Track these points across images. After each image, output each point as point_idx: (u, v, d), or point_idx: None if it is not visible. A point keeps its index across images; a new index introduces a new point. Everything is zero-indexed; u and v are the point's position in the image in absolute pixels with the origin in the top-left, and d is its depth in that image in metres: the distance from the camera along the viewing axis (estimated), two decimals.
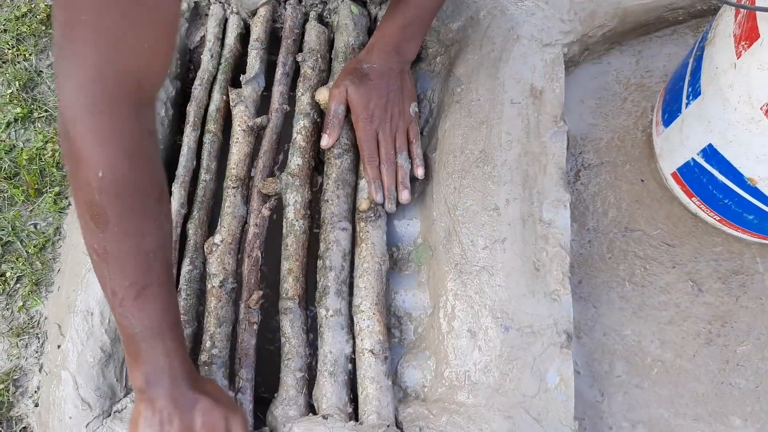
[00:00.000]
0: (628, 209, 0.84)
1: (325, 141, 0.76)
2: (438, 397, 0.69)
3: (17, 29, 0.85)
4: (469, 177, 0.75)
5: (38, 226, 0.78)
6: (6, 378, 0.71)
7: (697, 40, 0.74)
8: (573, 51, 0.86)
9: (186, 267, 0.74)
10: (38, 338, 0.73)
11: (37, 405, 0.70)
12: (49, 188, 0.79)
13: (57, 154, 0.79)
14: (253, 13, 0.86)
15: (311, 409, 0.70)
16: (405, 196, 0.76)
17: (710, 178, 0.73)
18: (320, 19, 0.86)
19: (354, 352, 0.71)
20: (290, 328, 0.71)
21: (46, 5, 0.86)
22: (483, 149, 0.76)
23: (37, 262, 0.76)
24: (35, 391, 0.71)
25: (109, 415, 0.67)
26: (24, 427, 0.70)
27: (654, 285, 0.81)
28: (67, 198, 0.79)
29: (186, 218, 0.77)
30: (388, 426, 0.65)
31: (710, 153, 0.71)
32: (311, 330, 0.75)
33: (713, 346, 0.78)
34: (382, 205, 0.76)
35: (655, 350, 0.78)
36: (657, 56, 0.91)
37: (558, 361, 0.68)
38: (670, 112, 0.79)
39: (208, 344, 0.70)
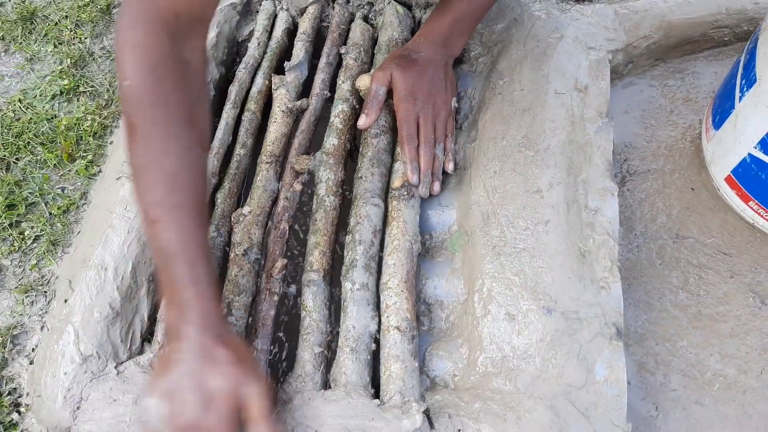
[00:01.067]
0: (679, 216, 0.79)
1: (363, 120, 0.75)
2: (470, 386, 0.62)
3: (78, 16, 0.89)
4: (510, 161, 0.72)
5: (65, 190, 0.77)
6: (5, 333, 0.66)
7: (750, 39, 0.73)
8: (617, 60, 0.85)
9: (210, 233, 0.70)
10: (45, 296, 0.69)
11: (32, 363, 0.65)
12: (83, 155, 0.78)
13: (96, 124, 0.80)
14: (302, 12, 0.89)
15: (327, 388, 0.63)
16: (436, 187, 0.74)
17: None
18: (365, 19, 0.89)
19: (379, 331, 0.65)
20: (312, 301, 0.66)
21: None
22: (525, 135, 0.73)
23: (58, 224, 0.74)
24: (32, 350, 0.66)
25: (108, 373, 0.61)
26: (14, 388, 0.64)
27: (711, 295, 0.74)
28: (98, 166, 0.78)
29: (216, 188, 0.74)
30: (416, 402, 0.57)
31: None
32: (334, 309, 0.69)
33: None
34: (416, 187, 0.73)
35: (715, 364, 0.69)
36: (703, 75, 0.90)
37: (608, 353, 0.61)
38: (722, 112, 0.76)
39: (224, 311, 0.65)
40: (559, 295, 0.63)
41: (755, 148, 0.69)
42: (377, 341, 0.65)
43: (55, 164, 0.77)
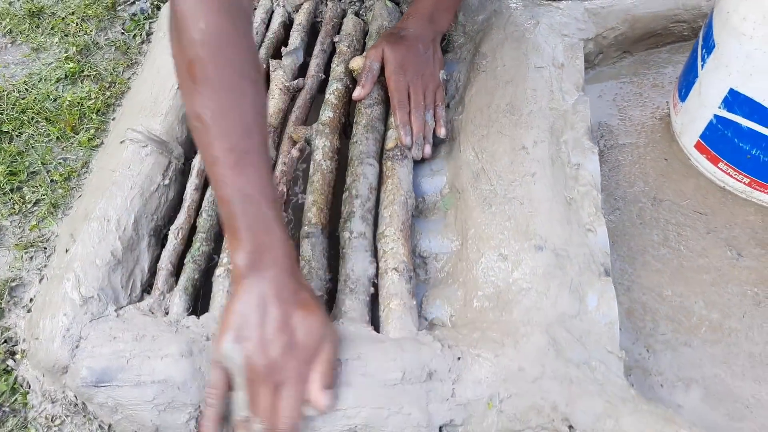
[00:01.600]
0: (655, 183, 0.84)
1: (358, 92, 0.80)
2: (468, 322, 0.63)
3: (84, 12, 0.94)
4: (497, 125, 0.77)
5: (67, 160, 0.79)
6: (2, 285, 0.66)
7: (707, 16, 0.81)
8: (589, 48, 0.93)
9: (211, 191, 0.73)
10: (44, 252, 0.69)
11: (29, 311, 0.64)
12: (86, 128, 0.81)
13: (99, 102, 0.83)
14: (297, 8, 0.95)
15: None
16: (428, 150, 0.78)
17: (735, 129, 0.75)
18: (357, 14, 0.95)
19: (377, 275, 0.67)
20: (311, 251, 0.68)
21: None
22: (509, 102, 0.78)
23: (59, 189, 0.75)
24: (30, 300, 0.66)
25: (108, 315, 0.61)
26: (10, 337, 0.63)
27: (690, 249, 0.77)
28: (100, 139, 0.80)
29: None
30: (427, 332, 0.59)
31: (732, 99, 0.73)
32: (333, 258, 0.71)
33: (763, 307, 0.72)
34: (409, 149, 0.77)
35: (700, 310, 0.72)
36: (667, 65, 0.98)
37: (598, 286, 0.63)
38: (686, 84, 0.82)
39: (225, 260, 0.67)
40: (548, 236, 0.66)
41: (719, 108, 0.76)
42: (375, 286, 0.66)
43: (57, 137, 0.80)
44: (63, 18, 0.93)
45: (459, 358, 0.58)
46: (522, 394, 0.56)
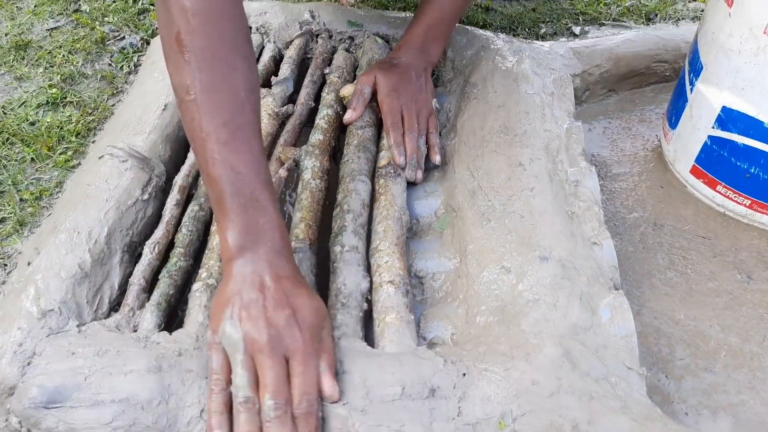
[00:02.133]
0: (653, 209, 0.82)
1: (349, 115, 0.78)
2: (471, 338, 0.58)
3: (72, 46, 0.93)
4: (491, 144, 0.75)
5: (40, 180, 0.74)
6: None
7: (692, 42, 0.83)
8: (576, 84, 0.94)
9: (192, 206, 0.68)
10: (5, 268, 0.63)
11: None
12: (64, 150, 0.77)
13: (80, 125, 0.80)
14: (287, 45, 0.96)
15: None
16: (419, 175, 0.75)
17: (731, 148, 0.74)
18: (347, 51, 0.96)
19: (371, 291, 0.61)
20: (298, 267, 0.62)
21: (102, 31, 0.96)
22: (503, 124, 0.77)
23: (29, 208, 0.70)
24: None
25: (68, 330, 0.54)
26: None
27: (698, 273, 0.74)
28: (78, 160, 0.77)
29: (199, 174, 0.73)
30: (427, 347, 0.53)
31: (725, 117, 0.73)
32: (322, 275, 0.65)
33: None
34: (403, 169, 0.74)
35: (717, 334, 0.67)
36: (652, 102, 0.99)
37: (610, 299, 0.59)
38: (676, 112, 0.83)
39: (204, 275, 0.61)
40: (553, 247, 0.62)
41: (713, 128, 0.75)
42: (369, 303, 0.61)
43: (32, 158, 0.75)
44: (50, 51, 0.92)
45: (464, 374, 0.52)
46: (537, 411, 0.50)
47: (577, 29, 1.05)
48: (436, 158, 0.77)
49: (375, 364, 0.52)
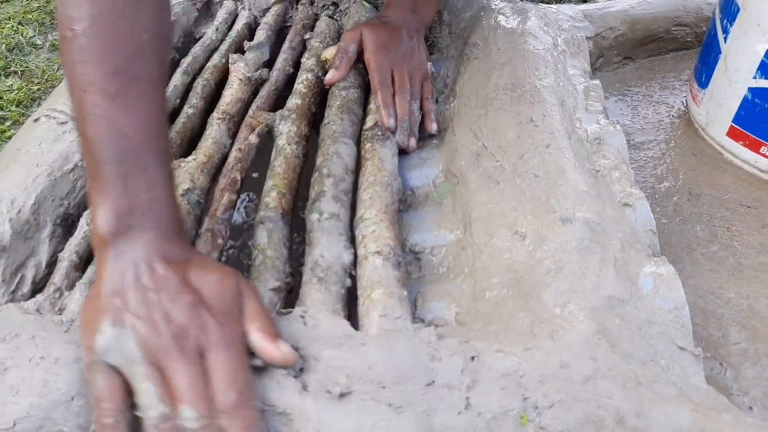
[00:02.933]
0: (687, 177, 0.70)
1: (331, 75, 0.68)
2: (480, 317, 0.46)
3: (23, 16, 0.84)
4: (496, 102, 0.64)
5: None
6: None
7: None
8: (588, 48, 0.84)
9: None
10: None
11: None
12: (1, 120, 0.67)
13: (22, 94, 0.70)
14: (264, 12, 0.86)
15: None
16: (413, 143, 0.64)
17: None
18: (330, 17, 0.86)
19: (355, 264, 0.50)
20: (267, 238, 0.51)
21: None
22: (509, 81, 0.67)
23: None
24: None
25: None
26: None
27: (746, 245, 0.62)
28: (15, 131, 0.66)
29: None
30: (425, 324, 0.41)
31: None
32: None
33: None
34: (393, 132, 0.63)
35: None
36: (674, 70, 0.89)
37: (650, 267, 0.47)
38: (706, 67, 0.72)
39: None
40: (576, 208, 0.51)
41: (755, 78, 0.65)
42: (353, 277, 0.49)
43: None
44: None
45: (473, 358, 0.41)
46: (569, 401, 0.38)
47: None
48: (432, 126, 0.66)
49: (354, 348, 0.40)
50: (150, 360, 0.35)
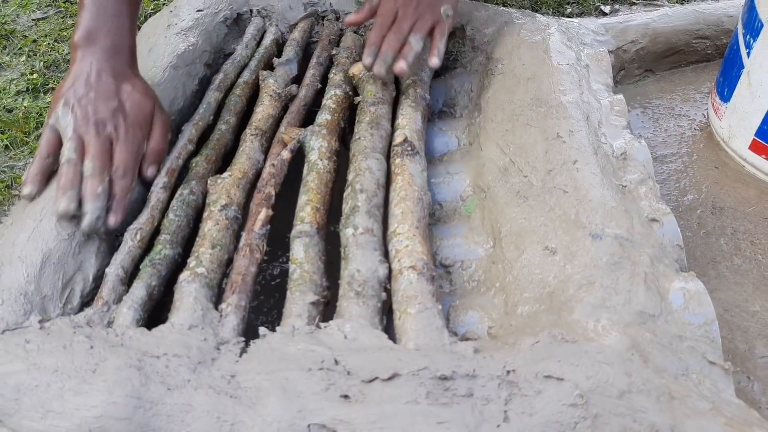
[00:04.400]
0: (710, 191, 0.71)
1: (351, 17, 0.72)
2: (513, 331, 0.47)
3: (59, 34, 0.87)
4: (522, 118, 0.66)
5: (14, 168, 0.66)
6: None
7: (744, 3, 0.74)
8: (611, 62, 0.85)
9: (182, 190, 0.59)
10: None
11: None
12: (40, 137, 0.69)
13: None
14: (291, 28, 0.88)
15: None
16: (400, 64, 0.65)
17: None
18: (355, 32, 0.88)
19: (390, 278, 0.52)
20: (303, 252, 0.53)
21: None
22: (534, 96, 0.68)
23: None
24: None
25: (28, 326, 0.45)
26: None
27: None
28: None
29: (191, 156, 0.65)
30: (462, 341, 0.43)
31: None
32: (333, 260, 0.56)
33: None
34: (370, 69, 0.66)
35: None
36: (695, 82, 0.90)
37: (679, 282, 0.49)
38: (729, 82, 0.73)
39: (192, 263, 0.52)
40: (605, 223, 0.52)
41: None
42: (388, 291, 0.51)
43: (6, 145, 0.68)
44: (34, 40, 0.85)
45: (509, 372, 0.42)
46: (606, 414, 0.39)
47: (606, 8, 0.97)
48: (434, 60, 0.67)
49: (394, 360, 0.42)
50: (77, 132, 0.53)
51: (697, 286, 0.48)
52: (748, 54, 0.69)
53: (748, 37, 0.69)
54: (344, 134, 0.72)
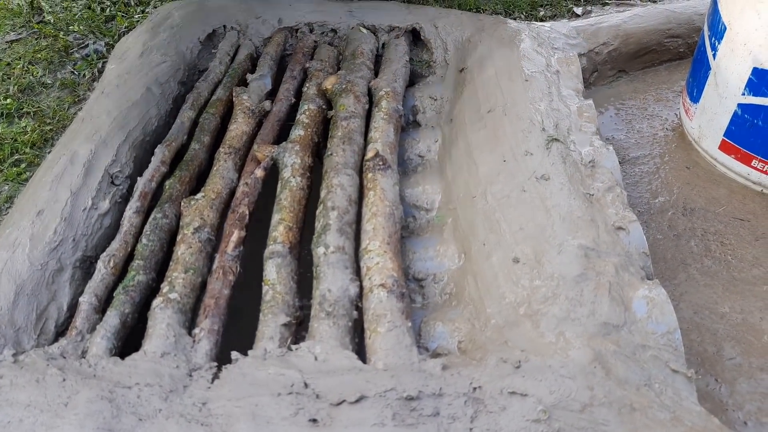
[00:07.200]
0: (681, 192, 0.72)
1: None
2: (481, 345, 0.48)
3: (33, 56, 0.87)
4: (491, 127, 0.66)
5: None
6: None
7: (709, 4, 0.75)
8: (582, 65, 0.85)
9: (155, 214, 0.60)
10: None
11: None
12: (17, 162, 0.69)
13: (36, 135, 0.73)
14: (265, 42, 0.88)
15: None
16: None
17: (766, 115, 0.65)
18: (330, 44, 0.88)
19: (360, 295, 0.52)
20: (276, 273, 0.54)
21: (65, 40, 0.89)
22: (504, 105, 0.69)
23: None
24: None
25: (2, 360, 0.46)
26: None
27: (740, 259, 0.64)
28: (31, 172, 0.69)
29: (164, 178, 0.65)
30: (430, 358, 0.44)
31: (758, 80, 0.64)
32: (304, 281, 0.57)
33: None
34: None
35: None
36: (668, 81, 0.90)
37: (643, 291, 0.49)
38: (697, 83, 0.74)
39: (165, 289, 0.52)
40: (570, 235, 0.53)
41: (743, 94, 0.66)
42: (359, 309, 0.52)
43: None
44: (8, 63, 0.85)
45: (475, 389, 0.43)
46: (568, 429, 0.40)
47: (579, 9, 0.97)
48: None
49: (362, 381, 0.42)
50: None
51: (660, 294, 0.49)
52: (714, 56, 0.69)
53: (713, 39, 0.70)
54: (318, 149, 0.73)
